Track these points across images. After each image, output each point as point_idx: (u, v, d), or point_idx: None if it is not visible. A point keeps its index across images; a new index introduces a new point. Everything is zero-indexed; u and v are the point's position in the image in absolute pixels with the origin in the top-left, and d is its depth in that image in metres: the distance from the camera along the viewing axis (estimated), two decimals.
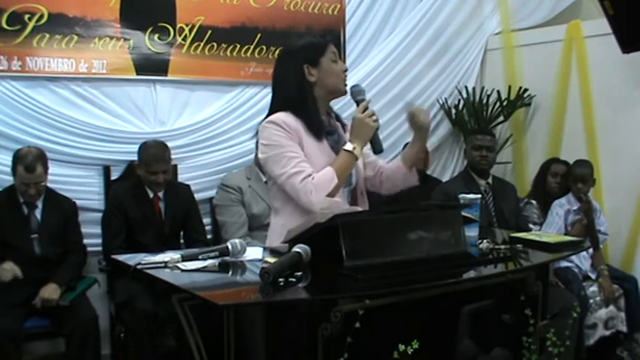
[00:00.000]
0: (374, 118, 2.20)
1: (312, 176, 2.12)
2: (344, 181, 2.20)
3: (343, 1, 4.27)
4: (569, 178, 3.82)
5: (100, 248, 3.49)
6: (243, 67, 3.97)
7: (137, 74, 3.67)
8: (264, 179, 3.46)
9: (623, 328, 3.70)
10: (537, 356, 2.15)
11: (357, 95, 2.27)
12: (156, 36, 3.69)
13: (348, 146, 2.18)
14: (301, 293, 1.76)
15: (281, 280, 1.71)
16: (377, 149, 2.24)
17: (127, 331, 3.20)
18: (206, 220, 3.75)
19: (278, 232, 2.24)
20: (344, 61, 4.22)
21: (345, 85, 2.28)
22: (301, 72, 2.22)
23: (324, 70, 2.23)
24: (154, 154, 3.37)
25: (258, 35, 3.98)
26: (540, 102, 4.53)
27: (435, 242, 1.97)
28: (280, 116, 2.19)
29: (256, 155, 3.48)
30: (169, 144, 3.53)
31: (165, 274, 1.82)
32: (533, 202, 3.94)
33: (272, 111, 2.25)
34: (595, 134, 4.15)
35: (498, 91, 4.54)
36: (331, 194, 2.13)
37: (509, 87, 4.54)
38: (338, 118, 2.38)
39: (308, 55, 2.23)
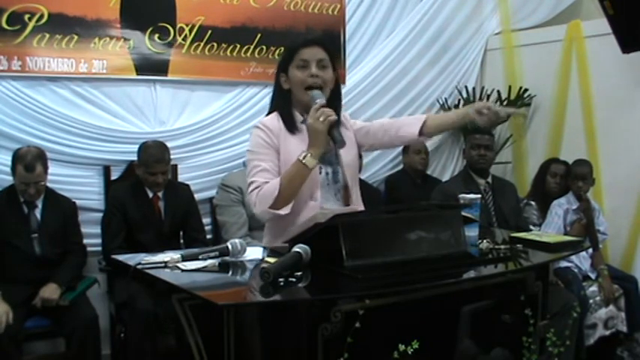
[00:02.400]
0: (322, 118, 2.04)
1: (261, 187, 2.10)
2: (294, 191, 2.08)
3: (343, 1, 4.27)
4: (569, 177, 3.82)
5: (100, 248, 3.49)
6: (243, 67, 3.97)
7: (137, 74, 3.67)
8: None
9: (623, 328, 3.69)
10: (537, 356, 2.15)
11: (312, 101, 2.12)
12: (156, 36, 3.69)
13: (300, 155, 2.06)
14: (301, 293, 1.76)
15: (281, 280, 1.71)
16: (337, 145, 2.11)
17: (127, 331, 3.19)
18: (206, 220, 3.74)
19: (265, 232, 2.30)
20: (343, 62, 4.22)
21: (312, 90, 2.15)
22: (278, 79, 2.25)
23: (290, 78, 2.21)
24: (153, 155, 3.37)
25: (258, 35, 3.98)
26: (540, 102, 4.53)
27: (435, 242, 1.97)
28: (266, 119, 2.23)
29: None
30: (169, 144, 3.53)
31: (165, 274, 1.82)
32: (533, 203, 3.93)
33: (267, 113, 2.29)
34: (595, 134, 4.15)
35: (498, 91, 4.54)
36: (275, 206, 2.06)
37: (510, 87, 4.54)
38: None
39: (281, 62, 2.25)
